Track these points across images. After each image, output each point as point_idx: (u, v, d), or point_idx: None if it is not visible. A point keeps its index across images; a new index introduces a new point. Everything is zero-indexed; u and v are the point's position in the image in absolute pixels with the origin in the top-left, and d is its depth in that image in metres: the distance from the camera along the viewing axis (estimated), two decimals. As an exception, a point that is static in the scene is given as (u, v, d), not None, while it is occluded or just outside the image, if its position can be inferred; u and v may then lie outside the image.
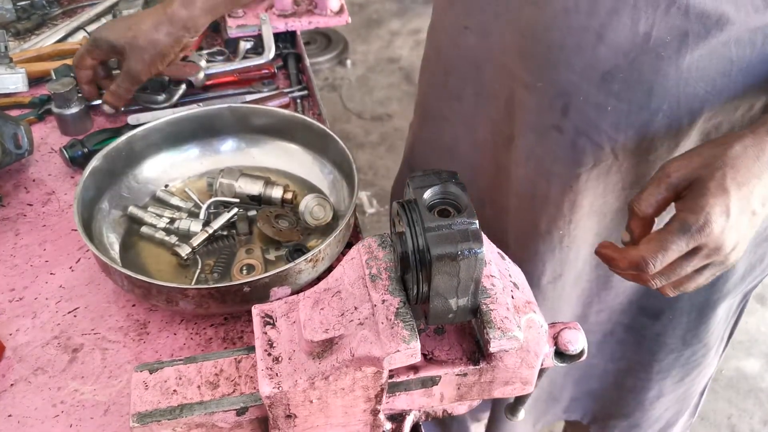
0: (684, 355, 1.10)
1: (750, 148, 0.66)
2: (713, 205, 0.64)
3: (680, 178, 0.67)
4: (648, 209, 0.69)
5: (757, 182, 0.66)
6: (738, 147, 0.66)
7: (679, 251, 0.66)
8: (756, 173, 0.66)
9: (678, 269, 0.68)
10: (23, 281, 0.88)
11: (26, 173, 1.04)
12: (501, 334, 0.53)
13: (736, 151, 0.66)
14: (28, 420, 0.73)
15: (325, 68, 3.55)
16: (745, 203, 0.66)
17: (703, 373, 1.17)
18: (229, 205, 0.95)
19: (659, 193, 0.68)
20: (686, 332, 1.06)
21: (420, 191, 0.53)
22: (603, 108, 0.80)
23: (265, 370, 0.57)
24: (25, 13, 1.38)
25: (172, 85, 1.16)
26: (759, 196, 0.66)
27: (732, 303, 1.08)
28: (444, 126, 1.04)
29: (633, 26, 0.74)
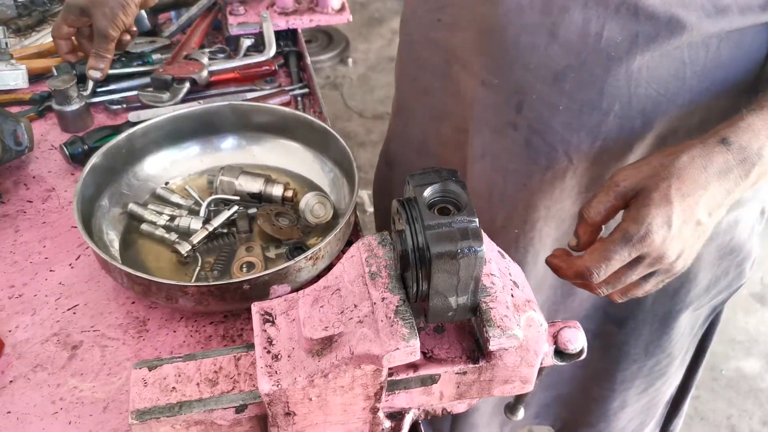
0: (647, 365, 1.10)
1: (697, 159, 0.66)
2: (655, 216, 0.65)
3: (628, 187, 0.68)
4: (596, 216, 0.69)
5: (703, 192, 0.66)
6: (685, 157, 0.67)
7: (621, 261, 0.66)
8: (702, 184, 0.66)
9: (623, 278, 0.69)
10: (23, 278, 0.88)
11: (26, 170, 1.04)
12: (500, 332, 0.53)
13: (683, 161, 0.66)
14: (27, 417, 0.73)
15: (326, 66, 3.55)
16: (688, 214, 0.66)
17: (668, 383, 1.17)
18: (230, 202, 0.95)
19: (608, 200, 0.69)
20: (648, 343, 1.07)
21: (420, 189, 0.53)
22: (555, 107, 0.81)
23: (265, 367, 0.57)
24: (25, 9, 1.38)
25: (175, 83, 1.15)
26: (705, 206, 0.67)
27: (698, 315, 1.08)
28: (414, 120, 1.05)
29: (584, 26, 0.74)
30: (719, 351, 2.16)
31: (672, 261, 0.68)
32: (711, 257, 0.97)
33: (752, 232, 1.01)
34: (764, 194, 0.99)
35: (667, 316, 1.03)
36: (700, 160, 0.66)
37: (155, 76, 1.15)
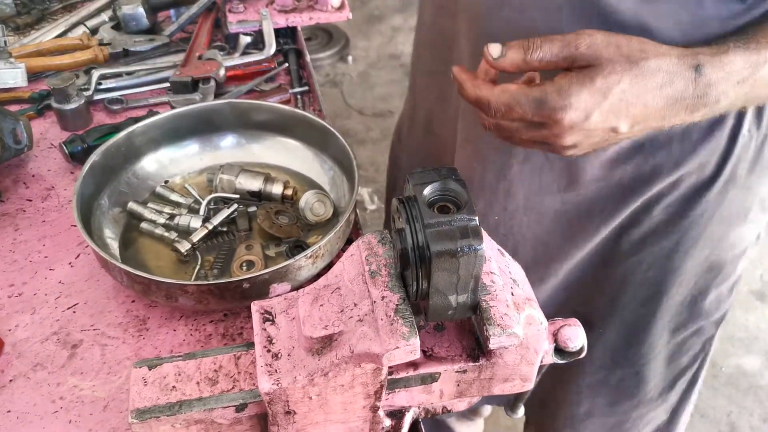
0: (614, 375, 1.07)
1: (662, 73, 0.63)
2: (582, 101, 0.62)
3: (584, 56, 0.63)
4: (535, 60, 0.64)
5: (642, 109, 0.64)
6: (653, 64, 0.63)
7: (522, 116, 0.64)
8: (648, 99, 0.63)
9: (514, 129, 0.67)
10: (22, 277, 0.87)
11: (26, 169, 1.04)
12: (500, 331, 0.53)
13: (649, 67, 0.63)
14: (27, 416, 0.73)
15: (326, 64, 3.55)
16: (612, 118, 0.63)
17: (639, 413, 1.11)
18: (229, 201, 0.95)
19: (557, 55, 0.64)
20: (615, 350, 1.04)
21: (419, 188, 0.53)
22: None
23: (265, 366, 0.57)
24: (24, 7, 1.38)
25: (201, 82, 1.16)
26: (632, 118, 0.64)
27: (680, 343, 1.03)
28: (422, 99, 1.06)
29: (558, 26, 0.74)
30: (719, 348, 2.16)
31: (564, 145, 0.66)
32: (685, 273, 0.95)
33: (741, 255, 0.98)
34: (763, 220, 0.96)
35: (635, 327, 1.00)
36: (664, 75, 0.63)
37: (175, 80, 1.15)
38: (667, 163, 0.84)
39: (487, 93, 0.65)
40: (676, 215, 0.90)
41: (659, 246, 0.92)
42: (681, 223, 0.90)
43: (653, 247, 0.93)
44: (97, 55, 1.24)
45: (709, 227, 0.91)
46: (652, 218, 0.90)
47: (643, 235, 0.92)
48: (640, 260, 0.94)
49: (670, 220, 0.90)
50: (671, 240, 0.92)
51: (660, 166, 0.85)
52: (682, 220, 0.90)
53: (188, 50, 1.24)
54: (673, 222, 0.90)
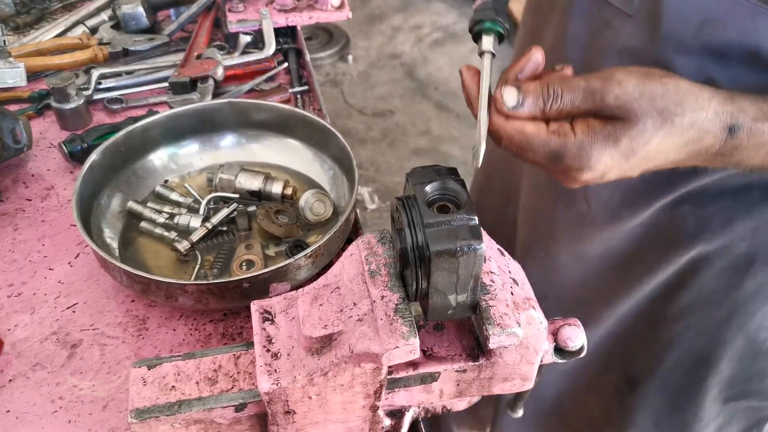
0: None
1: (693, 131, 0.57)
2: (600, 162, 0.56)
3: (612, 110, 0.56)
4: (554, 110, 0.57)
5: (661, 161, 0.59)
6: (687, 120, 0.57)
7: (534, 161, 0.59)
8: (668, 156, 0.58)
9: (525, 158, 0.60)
10: (22, 276, 0.87)
11: (25, 168, 1.04)
12: (500, 330, 0.53)
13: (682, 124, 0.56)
14: (26, 416, 0.73)
15: (326, 64, 3.55)
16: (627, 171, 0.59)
17: None
18: (229, 200, 0.95)
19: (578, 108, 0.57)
20: (659, 414, 0.99)
21: (419, 187, 0.53)
22: None
23: (264, 366, 0.57)
24: (24, 7, 1.38)
25: (199, 82, 1.15)
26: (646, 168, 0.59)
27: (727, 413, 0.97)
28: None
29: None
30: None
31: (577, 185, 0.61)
32: (738, 346, 0.89)
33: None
34: None
35: (682, 392, 0.95)
36: (695, 132, 0.57)
37: (173, 80, 1.15)
38: (716, 219, 0.79)
39: (501, 126, 0.58)
40: (729, 286, 0.84)
41: (709, 315, 0.87)
42: (734, 295, 0.84)
43: (703, 315, 0.88)
44: (97, 55, 1.24)
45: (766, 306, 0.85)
46: (702, 283, 0.85)
47: (691, 301, 0.87)
48: (688, 326, 0.89)
49: (721, 291, 0.85)
50: (722, 311, 0.86)
51: (708, 221, 0.80)
52: (735, 292, 0.84)
53: (188, 50, 1.24)
54: (724, 293, 0.85)
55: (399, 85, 3.45)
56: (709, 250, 0.82)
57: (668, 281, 0.88)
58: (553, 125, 0.57)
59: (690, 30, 0.69)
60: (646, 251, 0.87)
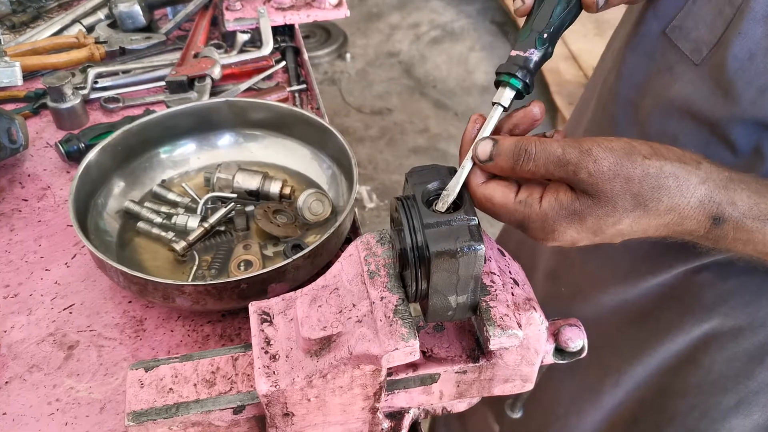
0: None
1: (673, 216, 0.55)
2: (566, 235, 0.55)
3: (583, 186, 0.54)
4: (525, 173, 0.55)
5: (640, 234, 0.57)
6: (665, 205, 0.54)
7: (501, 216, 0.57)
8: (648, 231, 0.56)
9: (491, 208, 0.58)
10: (18, 277, 0.87)
11: (21, 168, 1.04)
12: (501, 331, 0.52)
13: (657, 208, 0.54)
14: (23, 418, 0.72)
15: (324, 62, 3.54)
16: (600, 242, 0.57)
17: None
18: (227, 200, 0.94)
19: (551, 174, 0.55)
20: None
21: (418, 187, 0.52)
22: None
23: (262, 368, 0.56)
24: (20, 5, 1.37)
25: (196, 81, 1.15)
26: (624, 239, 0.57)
27: None
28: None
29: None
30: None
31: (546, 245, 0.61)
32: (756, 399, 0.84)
33: None
34: None
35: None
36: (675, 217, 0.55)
37: (170, 79, 1.14)
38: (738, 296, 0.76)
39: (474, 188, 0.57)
40: (741, 373, 0.80)
41: (716, 399, 0.83)
42: (746, 383, 0.80)
43: (709, 398, 0.83)
44: (93, 54, 1.23)
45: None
46: (712, 364, 0.81)
47: (699, 381, 0.83)
48: (693, 405, 0.85)
49: (732, 377, 0.81)
50: (731, 398, 0.82)
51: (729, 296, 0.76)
52: (747, 380, 0.80)
53: (185, 48, 1.24)
54: (735, 379, 0.80)
55: (397, 84, 3.45)
56: (725, 329, 0.78)
57: (679, 354, 0.84)
58: (522, 193, 0.56)
59: (750, 93, 0.66)
60: (661, 312, 0.83)
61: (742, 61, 0.65)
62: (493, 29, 3.94)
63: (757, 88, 0.65)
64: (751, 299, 0.75)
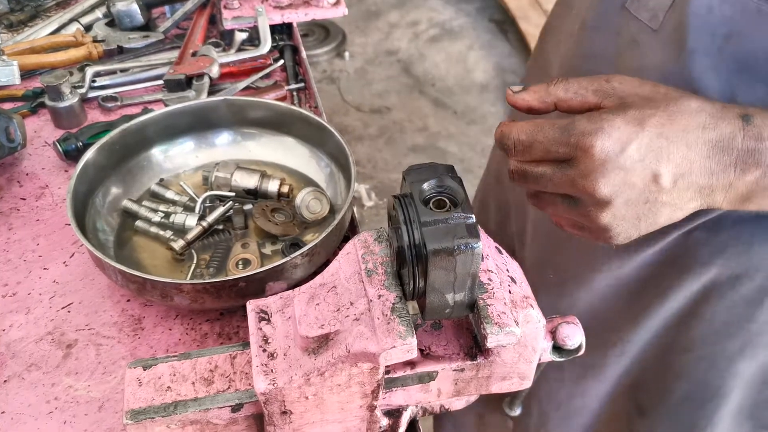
0: None
1: (705, 114, 0.55)
2: (615, 127, 0.54)
3: (616, 91, 0.57)
4: (560, 90, 0.58)
5: (684, 149, 0.54)
6: (694, 105, 0.55)
7: (546, 147, 0.56)
8: (690, 140, 0.54)
9: (539, 177, 0.58)
10: (16, 276, 0.87)
11: (19, 167, 1.04)
12: (498, 329, 0.52)
13: (689, 106, 0.55)
14: (21, 417, 0.72)
15: (323, 60, 3.54)
16: (652, 156, 0.54)
17: None
18: (225, 198, 0.94)
19: (586, 89, 0.58)
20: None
21: (416, 185, 0.52)
22: None
23: (260, 366, 0.56)
24: (18, 4, 1.37)
25: (194, 79, 1.15)
26: (675, 165, 0.55)
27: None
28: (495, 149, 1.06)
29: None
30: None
31: (598, 196, 0.55)
32: (749, 375, 0.86)
33: None
34: None
35: (690, 426, 0.92)
36: (707, 117, 0.55)
37: (168, 78, 1.14)
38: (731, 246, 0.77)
39: (509, 126, 0.58)
40: (742, 318, 0.81)
41: (721, 347, 0.85)
42: (747, 327, 0.82)
43: (714, 347, 0.85)
44: (91, 52, 1.23)
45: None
46: (714, 314, 0.83)
47: (703, 332, 0.85)
48: (699, 357, 0.87)
49: (734, 322, 0.82)
50: (735, 344, 0.84)
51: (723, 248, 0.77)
52: (749, 324, 0.82)
53: (183, 47, 1.23)
54: (737, 324, 0.82)
55: (396, 82, 3.44)
56: (723, 279, 0.79)
57: (680, 310, 0.85)
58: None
59: (716, 43, 0.67)
60: (657, 279, 0.84)
61: (703, 16, 0.67)
62: (492, 27, 3.93)
63: (722, 35, 0.66)
64: (744, 248, 0.76)
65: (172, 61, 1.21)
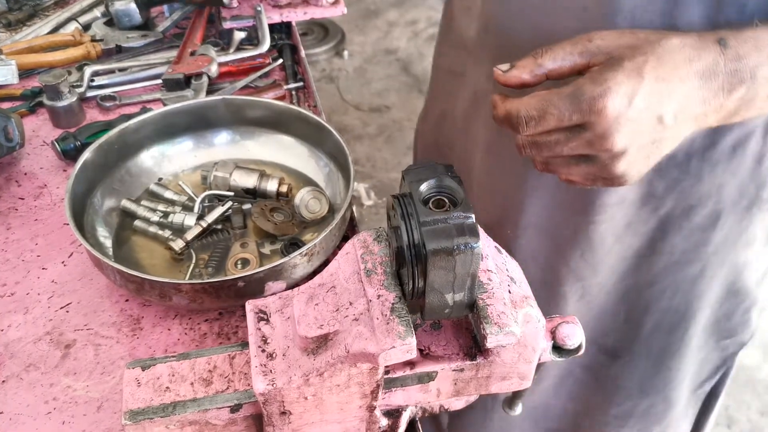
0: (641, 405, 1.04)
1: (688, 48, 0.57)
2: (619, 83, 0.55)
3: (601, 48, 0.58)
4: (549, 61, 0.59)
5: (679, 85, 0.57)
6: (675, 41, 0.57)
7: (559, 119, 0.57)
8: (682, 75, 0.57)
9: (553, 144, 0.59)
10: (15, 276, 0.87)
11: (18, 166, 1.03)
12: (498, 329, 0.52)
13: (671, 43, 0.57)
14: (20, 417, 0.72)
15: (322, 59, 3.54)
16: (655, 100, 0.56)
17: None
18: (224, 198, 0.94)
19: (572, 52, 0.58)
20: (643, 379, 1.01)
21: (415, 185, 0.52)
22: None
23: (259, 366, 0.56)
24: (16, 3, 1.36)
25: (193, 79, 1.14)
26: (674, 102, 0.57)
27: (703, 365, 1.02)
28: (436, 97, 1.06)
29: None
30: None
31: (615, 150, 0.57)
32: (710, 294, 0.92)
33: (763, 278, 0.95)
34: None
35: (663, 354, 0.98)
36: (690, 50, 0.57)
37: (167, 77, 1.14)
38: (683, 181, 0.80)
39: (516, 103, 0.58)
40: (699, 243, 0.86)
41: (683, 273, 0.89)
42: (704, 250, 0.86)
43: (676, 275, 0.89)
44: (90, 52, 1.22)
45: (734, 252, 0.88)
46: (673, 246, 0.87)
47: (664, 264, 0.89)
48: (663, 288, 0.91)
49: (692, 249, 0.87)
50: (695, 268, 0.88)
51: (675, 183, 0.81)
52: (705, 247, 0.86)
53: (181, 46, 1.23)
54: (695, 250, 0.87)
55: (395, 81, 3.44)
56: (678, 212, 0.83)
57: (639, 251, 0.88)
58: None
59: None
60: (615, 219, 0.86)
61: None
62: (490, 26, 3.93)
63: None
64: (694, 181, 0.80)
65: (170, 61, 1.20)
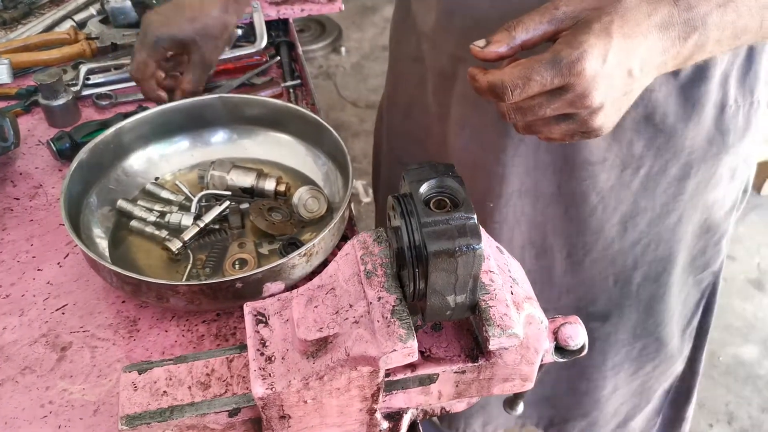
0: (635, 348, 1.10)
1: (644, 4, 0.61)
2: (593, 45, 0.59)
3: (567, 13, 0.62)
4: (521, 32, 0.62)
5: (643, 40, 0.61)
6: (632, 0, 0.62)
7: (542, 85, 0.60)
8: (643, 30, 0.61)
9: (536, 107, 0.63)
10: (10, 278, 0.86)
11: (13, 166, 1.02)
12: (500, 331, 0.51)
13: (630, 2, 0.61)
14: (15, 421, 0.71)
15: (319, 56, 3.52)
16: (624, 56, 0.61)
17: (661, 370, 1.16)
18: (221, 198, 0.93)
19: (540, 21, 0.62)
20: (635, 327, 1.07)
21: (416, 185, 0.51)
22: None
23: (258, 370, 0.55)
24: (11, 2, 1.35)
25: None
26: (640, 56, 0.62)
27: (685, 297, 1.07)
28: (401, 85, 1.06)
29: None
30: (717, 337, 2.16)
31: (594, 107, 0.62)
32: (689, 236, 0.99)
33: (730, 211, 1.01)
34: (746, 173, 0.99)
35: (651, 301, 1.03)
36: (647, 6, 0.61)
37: None
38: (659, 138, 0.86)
39: (499, 74, 0.61)
40: (676, 193, 0.92)
41: (664, 224, 0.95)
42: (681, 198, 0.93)
43: (659, 227, 0.95)
44: (85, 50, 1.21)
45: (705, 194, 0.95)
46: (654, 202, 0.92)
47: (648, 220, 0.94)
48: (648, 242, 0.97)
49: (671, 200, 0.93)
50: (674, 216, 0.95)
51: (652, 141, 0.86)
52: (681, 195, 0.93)
53: (178, 44, 1.22)
54: (674, 201, 0.93)
55: (393, 78, 3.43)
56: (656, 168, 0.89)
57: (624, 215, 0.94)
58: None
59: None
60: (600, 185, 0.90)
61: None
62: (488, 22, 3.92)
63: None
64: (667, 137, 0.86)
65: (166, 58, 1.19)
